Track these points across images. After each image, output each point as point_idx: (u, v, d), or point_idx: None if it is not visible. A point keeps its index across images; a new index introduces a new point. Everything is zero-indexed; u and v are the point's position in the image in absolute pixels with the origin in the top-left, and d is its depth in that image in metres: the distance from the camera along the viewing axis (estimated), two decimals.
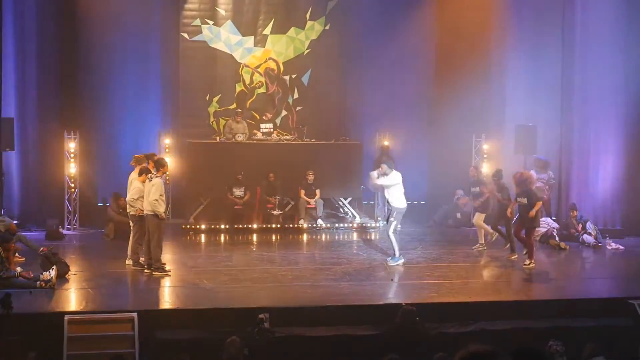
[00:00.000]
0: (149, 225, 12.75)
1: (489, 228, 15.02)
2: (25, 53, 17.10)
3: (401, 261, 13.74)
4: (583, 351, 8.61)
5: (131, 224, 13.31)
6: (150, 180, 12.74)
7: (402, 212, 13.87)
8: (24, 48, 17.07)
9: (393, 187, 13.70)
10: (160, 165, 12.97)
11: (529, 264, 13.62)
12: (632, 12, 17.36)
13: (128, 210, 13.34)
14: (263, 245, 15.94)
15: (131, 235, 13.33)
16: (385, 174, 13.74)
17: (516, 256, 14.26)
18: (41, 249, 13.19)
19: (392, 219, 13.75)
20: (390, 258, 13.92)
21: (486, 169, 17.89)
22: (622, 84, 17.44)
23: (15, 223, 16.17)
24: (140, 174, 13.10)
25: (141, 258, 13.15)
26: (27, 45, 17.09)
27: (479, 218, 15.25)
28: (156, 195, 12.60)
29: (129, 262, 13.34)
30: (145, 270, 12.85)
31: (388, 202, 14.04)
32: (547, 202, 17.92)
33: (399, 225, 13.79)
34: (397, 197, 13.73)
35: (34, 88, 17.22)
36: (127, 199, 13.37)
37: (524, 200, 13.67)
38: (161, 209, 12.72)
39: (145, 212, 12.76)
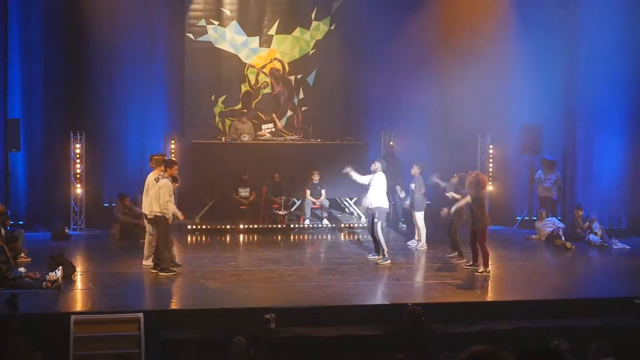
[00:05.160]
0: (158, 226, 12.77)
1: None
2: (31, 54, 17.13)
3: (389, 261, 13.75)
4: (590, 351, 8.60)
5: (150, 227, 13.25)
6: (158, 182, 12.75)
7: (385, 212, 14.09)
8: (29, 49, 17.10)
9: (374, 188, 13.76)
10: (169, 165, 12.99)
11: (482, 272, 13.06)
12: (637, 9, 17.35)
13: (146, 214, 13.25)
14: (268, 246, 15.94)
15: (152, 239, 13.21)
16: (374, 171, 13.84)
17: (464, 260, 13.94)
18: (22, 254, 13.42)
19: (376, 219, 13.81)
20: (373, 253, 14.13)
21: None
22: (627, 82, 17.42)
23: (21, 224, 16.28)
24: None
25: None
26: (32, 46, 17.13)
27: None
28: (166, 196, 12.62)
29: (147, 262, 13.31)
30: (152, 271, 12.87)
31: (370, 201, 14.02)
32: (554, 202, 17.92)
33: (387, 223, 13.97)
34: (378, 197, 13.80)
35: (40, 89, 17.25)
36: (144, 202, 13.31)
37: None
38: (171, 210, 12.75)
39: (154, 213, 12.77)
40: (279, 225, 17.13)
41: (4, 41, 16.69)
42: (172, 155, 17.02)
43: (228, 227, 16.87)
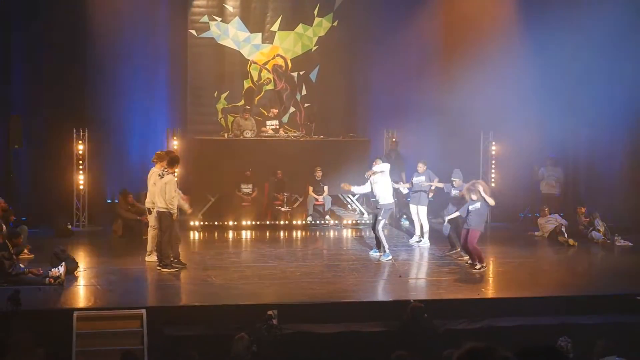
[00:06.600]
0: (161, 222, 12.77)
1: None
2: (34, 50, 17.13)
3: (390, 257, 13.76)
4: (594, 348, 8.61)
5: (153, 220, 13.25)
6: (162, 177, 12.75)
7: (390, 210, 14.19)
8: (32, 45, 17.10)
9: (381, 182, 13.75)
10: (174, 162, 12.99)
11: (479, 268, 13.10)
12: (639, 8, 17.35)
13: (149, 207, 13.26)
14: (271, 242, 15.95)
15: (156, 233, 13.22)
16: (375, 170, 13.90)
17: (466, 257, 13.80)
18: (25, 250, 13.44)
19: (380, 217, 13.82)
20: (374, 250, 14.17)
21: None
22: (630, 79, 17.41)
23: (24, 220, 16.28)
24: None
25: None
26: (35, 43, 17.12)
27: None
28: (172, 192, 12.63)
29: (150, 258, 13.35)
30: (157, 267, 12.88)
31: (377, 200, 14.01)
32: (557, 199, 17.93)
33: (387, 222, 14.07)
34: (385, 195, 13.83)
35: (43, 85, 17.24)
36: (148, 197, 13.32)
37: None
38: (177, 206, 12.76)
39: (158, 208, 12.78)
40: (282, 222, 17.13)
41: (7, 38, 16.73)
42: (175, 151, 17.00)
43: (230, 223, 16.88)
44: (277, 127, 18.33)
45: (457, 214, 13.58)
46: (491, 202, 13.21)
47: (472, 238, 13.11)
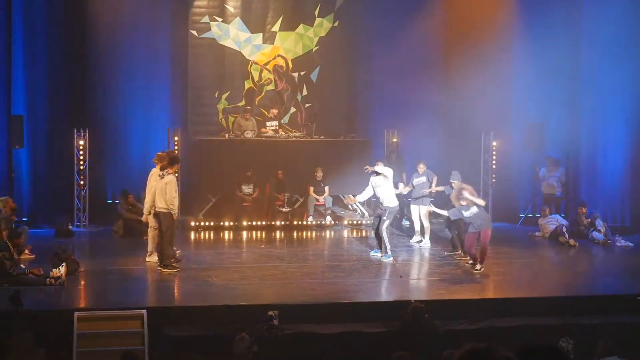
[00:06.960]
0: (162, 222, 12.76)
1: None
2: (35, 51, 17.14)
3: (391, 259, 13.75)
4: (596, 349, 8.61)
5: (153, 221, 13.24)
6: (162, 178, 12.75)
7: (395, 211, 14.13)
8: (33, 45, 17.11)
9: (385, 186, 13.74)
10: (174, 161, 13.00)
11: (480, 268, 13.06)
12: (638, 7, 17.35)
13: (149, 208, 13.25)
14: (272, 243, 15.95)
15: (156, 234, 13.19)
16: (376, 172, 13.87)
17: (467, 257, 13.72)
18: (26, 250, 13.44)
19: (384, 217, 13.81)
20: (375, 250, 14.13)
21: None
22: (631, 79, 17.40)
23: (25, 220, 16.31)
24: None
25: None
26: (36, 43, 17.14)
27: None
28: (172, 192, 12.64)
29: (150, 259, 13.32)
30: (158, 267, 12.88)
31: (381, 202, 14.00)
32: (558, 199, 17.94)
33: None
34: (389, 197, 13.83)
35: (44, 85, 17.26)
36: (147, 198, 13.30)
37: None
38: (176, 206, 12.77)
39: (159, 209, 12.77)
40: (282, 222, 17.12)
41: (8, 38, 16.75)
42: (176, 149, 17.01)
43: (231, 223, 16.87)
44: (277, 127, 18.34)
45: (445, 212, 13.63)
46: (481, 202, 13.20)
47: (484, 237, 13.09)
